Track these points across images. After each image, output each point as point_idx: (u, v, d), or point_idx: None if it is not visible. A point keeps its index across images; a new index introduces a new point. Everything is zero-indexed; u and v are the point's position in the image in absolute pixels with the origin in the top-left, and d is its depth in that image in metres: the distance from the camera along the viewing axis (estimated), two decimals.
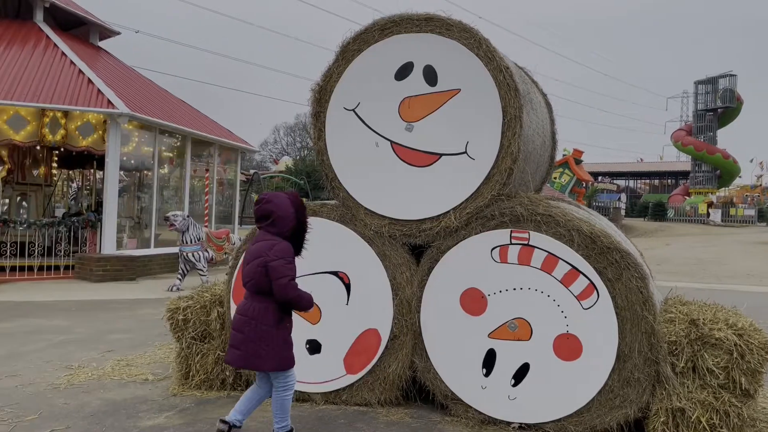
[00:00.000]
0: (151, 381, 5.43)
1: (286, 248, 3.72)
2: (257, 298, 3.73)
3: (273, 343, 3.69)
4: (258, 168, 48.48)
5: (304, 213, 3.90)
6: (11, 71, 12.37)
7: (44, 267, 11.77)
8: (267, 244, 3.72)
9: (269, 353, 3.68)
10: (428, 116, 4.68)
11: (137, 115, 12.34)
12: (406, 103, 4.72)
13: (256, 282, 3.70)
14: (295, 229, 3.82)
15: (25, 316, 8.28)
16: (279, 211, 3.76)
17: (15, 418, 4.43)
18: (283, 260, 3.65)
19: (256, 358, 3.68)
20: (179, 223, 10.66)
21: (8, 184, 13.86)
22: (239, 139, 17.29)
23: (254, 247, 3.79)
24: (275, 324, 3.71)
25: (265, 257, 3.66)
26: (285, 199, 3.81)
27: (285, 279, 3.62)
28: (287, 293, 3.64)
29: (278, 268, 3.63)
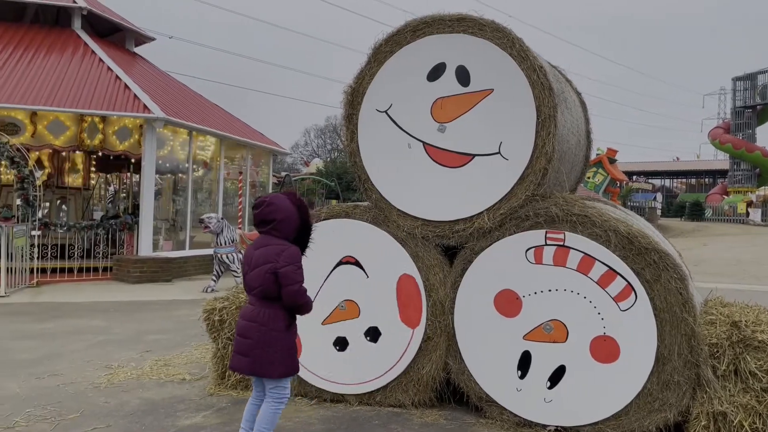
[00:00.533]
0: (189, 381, 5.52)
1: (295, 253, 3.62)
2: (266, 304, 3.61)
3: (283, 349, 3.60)
4: (289, 170, 48.88)
5: (307, 212, 3.79)
6: (51, 78, 12.70)
7: (83, 269, 12.04)
8: (274, 249, 3.59)
9: (279, 359, 3.58)
10: (461, 117, 4.66)
11: (172, 119, 12.56)
12: (439, 104, 4.71)
13: (264, 288, 3.58)
14: (299, 229, 3.72)
15: (66, 317, 8.49)
16: (281, 213, 3.62)
17: (58, 417, 4.55)
18: (294, 266, 3.56)
19: (267, 365, 3.57)
20: (213, 225, 10.82)
21: (48, 188, 14.22)
22: (271, 142, 17.46)
23: (259, 253, 3.63)
24: (285, 329, 3.63)
25: (275, 263, 3.54)
26: (286, 201, 3.69)
27: (296, 285, 3.55)
28: (297, 299, 3.58)
29: (289, 275, 3.54)
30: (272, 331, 3.57)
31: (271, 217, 3.62)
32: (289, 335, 3.65)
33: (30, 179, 10.80)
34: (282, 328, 3.60)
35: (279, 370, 3.59)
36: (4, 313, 8.66)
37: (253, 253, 3.67)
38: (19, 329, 7.63)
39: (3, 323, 7.95)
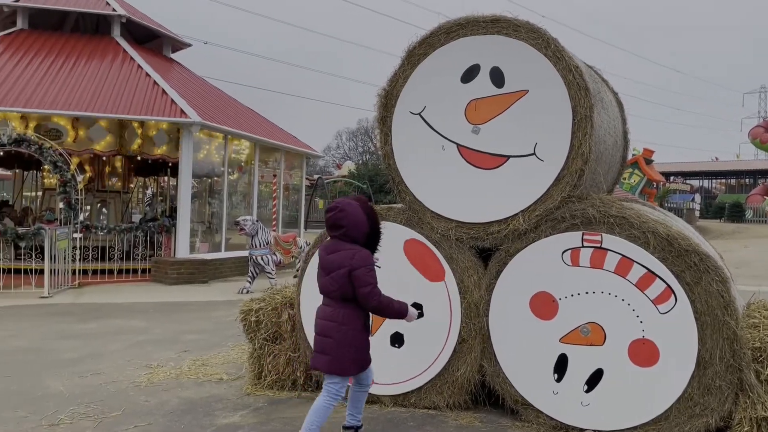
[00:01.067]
0: (226, 381, 5.61)
1: (366, 256, 3.77)
2: (344, 305, 3.78)
3: (361, 348, 3.82)
4: (321, 173, 49.24)
5: (376, 218, 3.95)
6: (92, 84, 13.05)
7: (123, 270, 12.34)
8: (347, 253, 3.75)
9: (356, 357, 3.79)
10: (495, 118, 4.65)
11: (208, 124, 12.78)
12: (473, 106, 4.70)
13: (342, 290, 3.75)
14: (368, 234, 3.87)
15: (107, 317, 8.71)
16: (351, 218, 3.79)
17: (100, 414, 4.67)
18: (365, 268, 3.72)
19: (345, 364, 3.76)
20: (249, 228, 10.97)
21: (89, 192, 14.59)
22: (304, 145, 17.63)
23: (333, 257, 3.79)
24: (363, 329, 3.83)
25: (349, 266, 3.71)
26: (356, 207, 3.84)
27: (368, 287, 3.70)
28: (371, 301, 3.71)
29: (361, 277, 3.69)
30: (352, 330, 3.76)
31: (341, 222, 3.79)
32: (365, 334, 3.85)
33: (72, 183, 11.10)
34: (359, 327, 3.80)
35: (355, 368, 3.81)
36: (49, 313, 8.93)
37: (326, 257, 3.85)
38: (62, 329, 7.85)
39: (48, 323, 8.20)
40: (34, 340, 7.21)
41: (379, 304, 3.74)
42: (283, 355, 5.24)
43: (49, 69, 13.38)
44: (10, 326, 7.93)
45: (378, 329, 4.88)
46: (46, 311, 9.07)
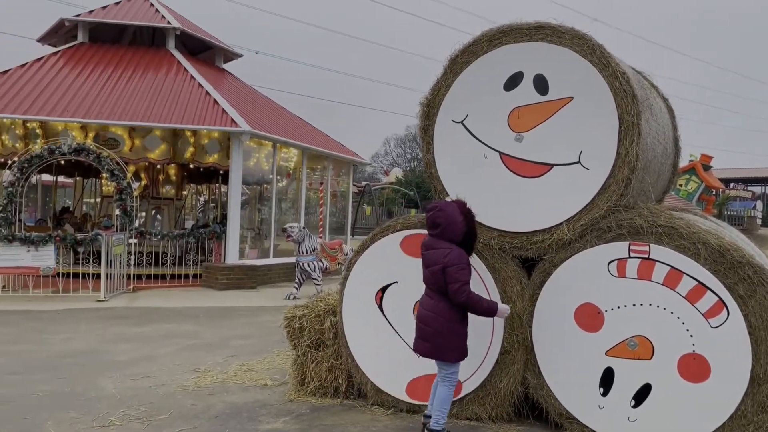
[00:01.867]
0: (270, 386, 5.69)
1: (459, 255, 4.05)
2: (441, 297, 4.09)
3: (459, 336, 4.10)
4: (369, 180, 49.48)
5: (473, 220, 4.21)
6: (147, 95, 13.50)
7: (175, 275, 12.69)
8: (442, 251, 4.07)
9: (455, 345, 4.08)
10: (539, 126, 4.58)
11: (257, 132, 13.03)
12: (516, 114, 4.65)
13: (438, 285, 4.08)
14: (465, 235, 4.13)
15: (159, 321, 8.96)
16: (448, 218, 4.08)
17: (149, 417, 4.80)
18: (457, 267, 3.99)
19: (445, 351, 4.07)
20: (296, 235, 11.12)
21: (144, 199, 15.08)
22: (351, 152, 17.77)
23: (431, 253, 4.14)
24: (460, 320, 4.10)
25: (443, 264, 4.02)
26: (454, 208, 4.13)
27: (457, 284, 3.97)
28: (458, 297, 3.98)
29: (452, 274, 3.99)
30: (448, 321, 4.07)
31: (438, 221, 4.11)
32: (463, 325, 4.13)
33: (128, 191, 11.49)
34: (456, 319, 4.08)
35: (454, 355, 4.10)
36: (105, 317, 9.25)
37: (425, 252, 4.22)
38: (117, 332, 8.12)
39: (104, 326, 8.49)
40: (90, 342, 7.48)
41: (467, 300, 3.99)
42: (325, 362, 5.28)
43: (108, 81, 13.91)
44: (68, 329, 8.25)
45: None
46: (102, 315, 9.39)
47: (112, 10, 16.27)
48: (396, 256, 4.97)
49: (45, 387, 5.53)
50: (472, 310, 4.09)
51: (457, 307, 4.07)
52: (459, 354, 4.13)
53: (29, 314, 9.23)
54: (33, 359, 6.56)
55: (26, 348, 7.07)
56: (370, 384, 5.04)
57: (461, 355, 4.14)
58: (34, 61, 14.10)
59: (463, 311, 4.11)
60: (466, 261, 4.10)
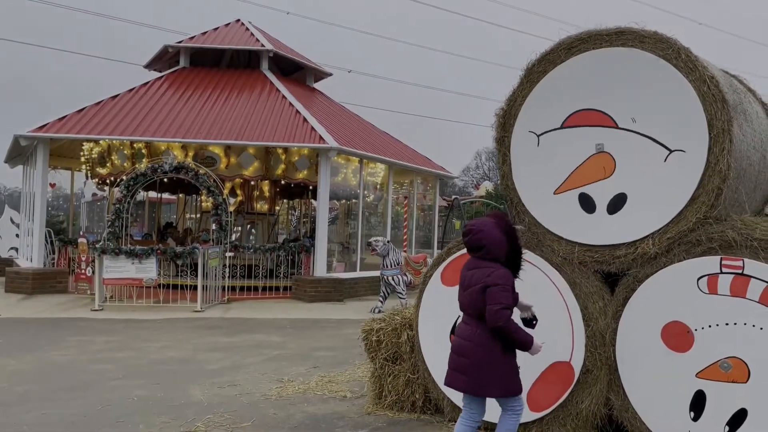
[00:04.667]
0: (349, 398, 5.75)
1: (503, 275, 3.69)
2: (480, 323, 3.69)
3: (501, 369, 3.67)
4: (460, 193, 49.10)
5: (516, 236, 3.87)
6: (242, 115, 14.15)
7: (267, 287, 13.14)
8: (485, 270, 3.71)
9: (496, 381, 3.66)
10: None
11: (344, 148, 13.32)
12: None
13: (475, 307, 3.71)
14: (509, 253, 3.80)
15: (249, 332, 9.30)
16: (489, 239, 3.75)
17: (232, 424, 4.98)
18: (500, 287, 3.62)
19: (484, 386, 3.67)
20: (380, 248, 11.22)
21: (240, 214, 15.77)
22: (437, 166, 17.75)
23: (470, 274, 3.79)
24: (501, 351, 3.67)
25: (484, 283, 3.66)
26: (493, 228, 3.78)
27: (497, 306, 3.58)
28: (497, 320, 3.57)
29: (494, 294, 3.61)
30: (488, 351, 3.65)
31: (479, 244, 3.77)
32: (507, 357, 3.69)
33: (223, 206, 12.06)
34: (498, 350, 3.65)
35: (496, 391, 3.69)
36: (201, 326, 9.71)
37: (465, 273, 3.85)
38: (211, 342, 8.50)
39: (199, 336, 8.92)
40: (184, 351, 7.87)
41: (505, 326, 3.57)
42: (402, 375, 5.27)
43: (206, 102, 14.71)
44: (166, 337, 8.73)
45: None
46: (198, 324, 9.87)
47: (210, 35, 17.23)
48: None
49: (140, 392, 5.86)
50: (507, 336, 3.63)
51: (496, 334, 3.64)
52: (505, 389, 3.69)
53: (132, 323, 9.85)
54: (133, 365, 6.98)
55: (128, 355, 7.53)
56: (446, 400, 4.98)
57: (509, 390, 3.70)
58: (141, 86, 15.14)
59: (504, 341, 3.66)
60: (511, 283, 3.71)
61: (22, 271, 13.14)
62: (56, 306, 11.32)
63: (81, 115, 13.58)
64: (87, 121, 13.35)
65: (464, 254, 4.94)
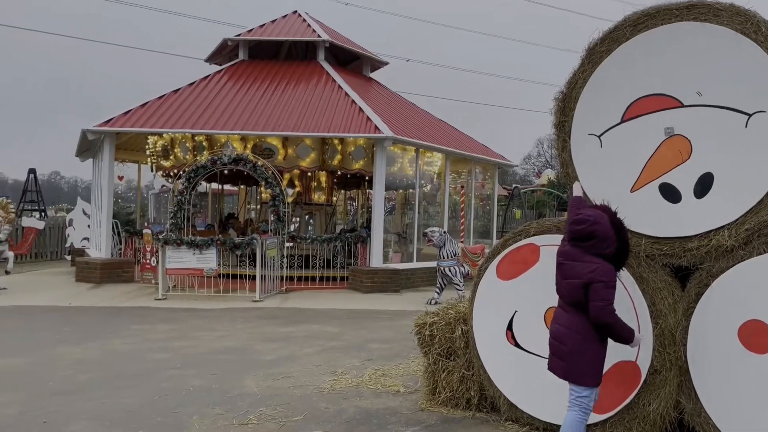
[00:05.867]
0: (402, 393, 5.62)
1: (608, 271, 3.62)
2: (578, 312, 3.69)
3: (596, 359, 3.70)
4: (521, 182, 48.16)
5: (625, 234, 3.79)
6: (299, 106, 14.19)
7: (323, 278, 13.17)
8: (588, 265, 3.64)
9: (591, 369, 3.69)
10: None
11: (400, 138, 13.15)
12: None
13: (575, 299, 3.69)
14: (617, 248, 3.71)
15: (305, 322, 9.31)
16: (602, 233, 3.66)
17: (284, 417, 4.94)
18: (604, 284, 3.58)
19: (579, 373, 3.69)
20: (436, 239, 11.03)
21: (298, 205, 15.87)
22: (496, 155, 17.36)
23: (572, 265, 3.73)
24: (599, 339, 3.68)
25: (587, 279, 3.61)
26: (606, 222, 3.70)
27: (602, 303, 3.55)
28: (601, 317, 3.57)
29: (599, 291, 3.57)
30: (586, 340, 3.66)
31: (592, 236, 3.68)
32: (602, 346, 3.71)
33: (280, 197, 12.13)
34: (596, 338, 3.67)
35: (589, 379, 3.70)
36: (258, 316, 9.79)
37: (565, 262, 3.79)
38: (267, 332, 8.55)
39: (256, 326, 8.99)
40: (241, 341, 7.93)
41: (610, 322, 3.57)
42: (456, 372, 5.10)
43: (264, 94, 14.83)
44: (225, 327, 8.84)
45: None
46: (256, 314, 9.96)
47: (269, 27, 17.37)
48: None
49: (196, 382, 5.92)
50: (611, 332, 3.63)
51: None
52: (594, 378, 3.72)
53: (193, 312, 10.04)
54: (191, 355, 7.08)
55: (187, 344, 7.65)
56: (503, 398, 4.78)
57: (596, 380, 3.73)
58: (201, 80, 15.41)
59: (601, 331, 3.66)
60: (614, 278, 3.65)
61: (91, 261, 13.64)
62: (122, 295, 11.68)
63: (144, 109, 13.93)
64: (150, 115, 13.69)
65: (521, 247, 4.73)
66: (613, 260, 3.68)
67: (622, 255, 3.75)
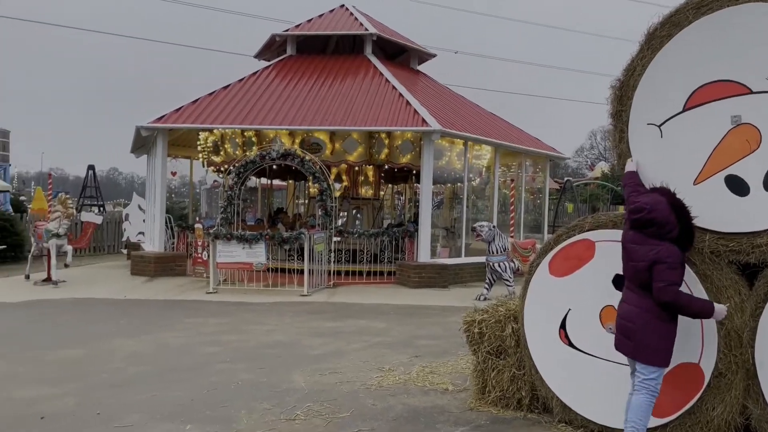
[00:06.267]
0: (451, 391, 5.51)
1: (671, 252, 3.64)
2: (647, 293, 3.69)
3: (666, 338, 3.69)
4: (573, 175, 47.14)
5: (688, 215, 3.79)
6: (346, 100, 14.17)
7: (371, 272, 13.13)
8: (650, 248, 3.66)
9: (660, 346, 3.68)
10: None
11: (448, 131, 12.98)
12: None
13: (641, 282, 3.71)
14: (680, 232, 3.73)
15: (353, 317, 9.28)
16: (662, 219, 3.67)
17: (331, 414, 4.90)
18: (667, 264, 3.60)
19: (647, 351, 3.69)
20: (485, 234, 10.83)
21: (345, 200, 15.88)
22: (548, 147, 16.96)
23: (636, 248, 3.74)
24: (669, 319, 3.69)
25: (650, 260, 3.64)
26: (664, 207, 3.70)
27: (662, 283, 3.58)
28: (663, 297, 3.59)
29: (661, 271, 3.60)
30: (656, 318, 3.66)
31: (651, 223, 3.70)
32: (672, 326, 3.71)
33: (328, 192, 12.14)
34: (666, 317, 3.67)
35: (657, 358, 3.69)
36: (306, 311, 9.83)
37: (630, 245, 3.81)
38: (315, 326, 8.56)
39: (304, 320, 9.02)
40: (289, 335, 7.96)
41: (674, 300, 3.58)
42: (507, 371, 4.95)
43: (312, 89, 14.87)
44: (273, 321, 8.90)
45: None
46: (304, 309, 10.00)
47: (316, 22, 17.40)
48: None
49: (245, 376, 5.95)
50: (680, 310, 3.65)
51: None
52: (662, 357, 3.71)
53: (243, 306, 10.15)
54: (240, 349, 7.14)
55: (236, 338, 7.72)
56: (555, 399, 4.61)
57: (664, 360, 3.72)
58: (250, 76, 15.56)
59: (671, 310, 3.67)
60: (678, 260, 3.64)
61: (145, 254, 13.99)
62: (175, 288, 11.93)
63: (195, 105, 14.17)
64: (201, 111, 13.91)
65: (575, 242, 4.55)
66: (678, 242, 3.69)
67: (687, 237, 3.76)
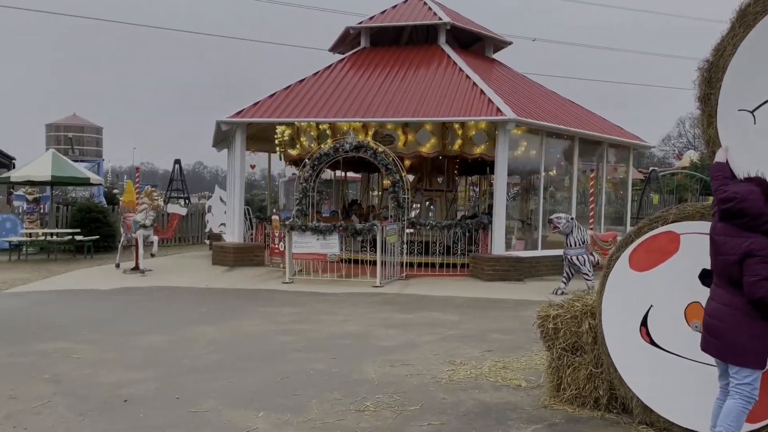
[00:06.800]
0: (524, 388, 5.36)
1: (764, 245, 3.45)
2: (738, 290, 3.52)
3: (759, 337, 3.47)
4: (660, 165, 45.06)
5: None
6: (419, 91, 14.06)
7: (443, 264, 13.00)
8: (741, 241, 3.49)
9: (755, 347, 3.48)
10: None
11: (523, 120, 12.64)
12: None
13: (731, 277, 3.54)
14: None
15: (425, 309, 9.22)
16: (755, 209, 3.49)
17: (400, 406, 4.87)
18: (759, 258, 3.42)
19: (740, 353, 3.49)
20: (562, 226, 10.49)
21: (418, 191, 15.80)
22: (631, 136, 16.23)
23: (725, 240, 3.58)
24: (762, 318, 3.47)
25: (742, 253, 3.46)
26: (757, 196, 3.52)
27: (755, 278, 3.40)
28: (755, 293, 3.40)
29: (753, 265, 3.42)
30: (747, 317, 3.48)
31: (744, 213, 3.54)
32: (766, 324, 3.49)
33: (400, 183, 12.11)
34: (758, 316, 3.47)
35: (750, 360, 3.49)
36: (378, 302, 9.86)
37: (718, 238, 3.65)
38: (387, 317, 8.57)
39: (376, 311, 9.05)
40: (361, 326, 8.00)
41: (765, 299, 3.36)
42: (583, 368, 4.76)
43: (385, 80, 14.85)
44: (346, 312, 8.97)
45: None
46: (376, 300, 10.03)
47: (389, 13, 17.35)
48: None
49: (317, 366, 6.01)
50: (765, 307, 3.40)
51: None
52: (755, 359, 3.47)
53: (317, 296, 10.30)
54: (313, 338, 7.23)
55: (310, 328, 7.84)
56: (636, 400, 4.38)
57: (758, 362, 3.47)
58: (324, 69, 15.73)
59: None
60: None
61: (225, 245, 14.46)
62: (253, 278, 12.27)
63: (272, 99, 14.46)
64: (277, 105, 14.19)
65: (658, 234, 4.30)
66: None
67: None
